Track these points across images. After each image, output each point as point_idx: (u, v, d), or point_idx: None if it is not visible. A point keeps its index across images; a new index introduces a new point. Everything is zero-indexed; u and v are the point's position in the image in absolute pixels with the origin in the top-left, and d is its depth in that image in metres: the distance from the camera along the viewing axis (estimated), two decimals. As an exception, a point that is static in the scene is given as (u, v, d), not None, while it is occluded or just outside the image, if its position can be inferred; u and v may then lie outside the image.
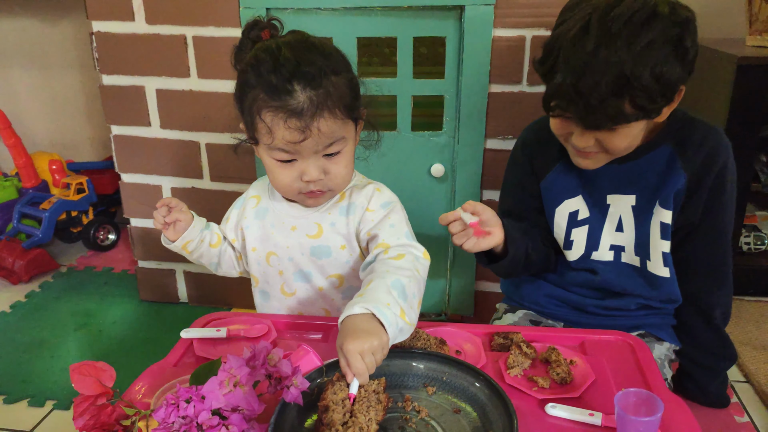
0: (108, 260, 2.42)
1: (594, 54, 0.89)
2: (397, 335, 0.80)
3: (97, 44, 1.78)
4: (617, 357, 0.92)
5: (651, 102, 0.92)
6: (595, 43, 0.89)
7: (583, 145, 1.01)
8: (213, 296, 2.06)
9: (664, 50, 0.89)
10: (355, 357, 0.74)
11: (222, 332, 0.93)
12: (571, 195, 1.15)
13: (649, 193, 1.09)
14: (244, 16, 1.65)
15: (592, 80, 0.90)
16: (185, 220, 1.04)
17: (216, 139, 1.83)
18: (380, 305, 0.79)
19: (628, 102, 0.91)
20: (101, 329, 1.96)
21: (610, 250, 1.15)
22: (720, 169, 1.06)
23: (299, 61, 0.87)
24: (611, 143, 1.00)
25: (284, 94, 0.86)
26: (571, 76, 0.92)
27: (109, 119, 1.88)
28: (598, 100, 0.90)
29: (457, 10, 1.59)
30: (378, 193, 1.02)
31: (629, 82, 0.89)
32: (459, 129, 1.70)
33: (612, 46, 0.88)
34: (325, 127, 0.89)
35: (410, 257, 0.92)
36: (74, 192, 2.38)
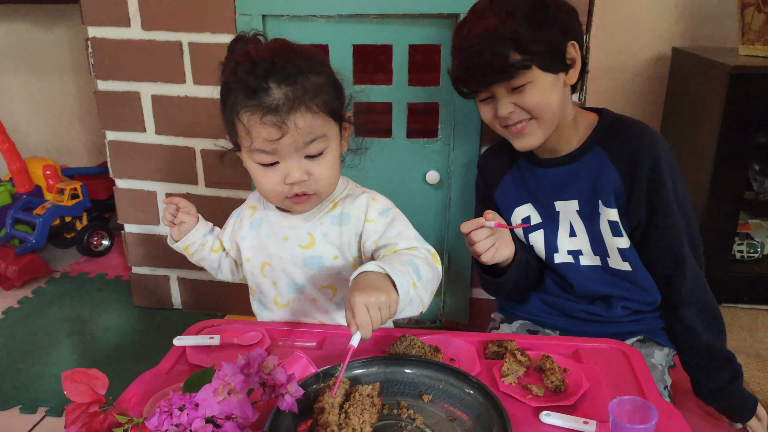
0: (101, 266, 2.41)
1: (470, 30, 1.06)
2: (406, 304, 0.82)
3: (92, 50, 1.78)
4: (611, 365, 0.92)
5: (530, 45, 1.02)
6: (469, 26, 1.07)
7: (504, 112, 1.09)
8: (207, 303, 2.06)
9: (524, 8, 1.03)
10: (360, 308, 0.75)
11: (215, 340, 0.93)
12: (520, 203, 1.22)
13: (588, 195, 1.15)
14: (239, 23, 1.65)
15: (471, 44, 1.04)
16: (190, 222, 1.08)
17: (211, 146, 1.83)
18: (394, 268, 0.81)
19: (511, 50, 1.02)
20: (94, 335, 1.95)
21: (569, 254, 1.19)
22: (652, 164, 1.09)
23: (275, 60, 0.88)
24: (526, 100, 1.07)
25: (260, 92, 0.87)
26: (459, 56, 1.08)
27: (104, 125, 1.87)
28: (481, 56, 1.03)
29: (452, 18, 1.60)
30: (374, 202, 1.02)
31: (499, 31, 1.02)
32: (454, 136, 1.71)
33: (482, 19, 1.05)
34: (303, 122, 0.88)
35: (423, 251, 0.95)
36: (68, 197, 2.37)
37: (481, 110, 1.16)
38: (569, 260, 1.20)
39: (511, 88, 1.07)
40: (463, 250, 1.83)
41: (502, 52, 1.03)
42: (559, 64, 1.08)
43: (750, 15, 1.92)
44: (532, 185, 1.21)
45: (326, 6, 1.61)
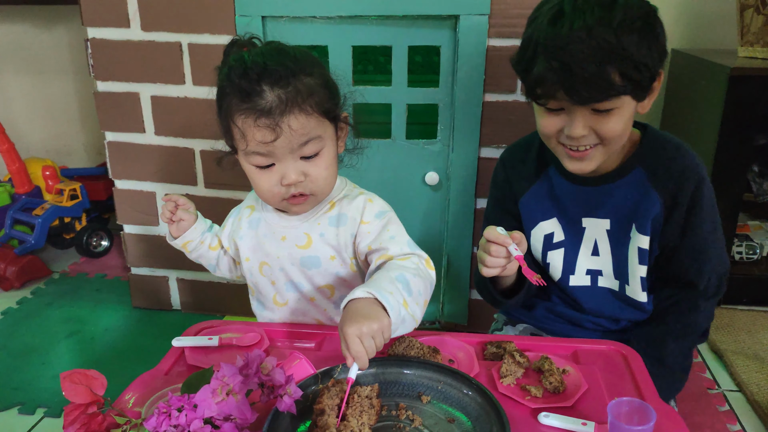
0: (101, 267, 2.41)
1: (571, 29, 0.90)
2: (399, 324, 0.82)
3: (92, 50, 1.78)
4: (609, 366, 0.92)
5: (637, 71, 0.91)
6: (571, 21, 0.90)
7: (578, 133, 0.97)
8: (206, 303, 2.06)
9: (638, 24, 0.91)
10: (353, 340, 0.76)
11: (214, 341, 0.93)
12: (546, 217, 1.14)
13: (623, 218, 1.08)
14: (239, 24, 1.66)
15: (575, 50, 0.89)
16: (188, 220, 1.08)
17: (210, 146, 1.83)
18: (383, 290, 0.81)
19: (615, 71, 0.90)
20: (93, 336, 1.95)
21: (587, 274, 1.13)
22: (695, 189, 1.04)
23: (267, 63, 0.88)
24: (606, 127, 0.97)
25: (253, 95, 0.87)
26: (553, 56, 0.91)
27: (104, 125, 1.87)
28: (585, 69, 0.89)
29: (451, 19, 1.60)
30: (370, 204, 1.02)
31: (613, 48, 0.89)
32: (453, 137, 1.71)
33: (590, 20, 0.89)
34: (297, 123, 0.88)
35: (415, 259, 0.94)
36: (67, 198, 2.37)
37: (541, 119, 1.02)
38: (585, 282, 1.14)
39: (593, 108, 0.95)
40: (462, 252, 1.83)
41: (608, 72, 0.90)
42: (647, 92, 0.98)
43: (749, 17, 1.92)
44: (561, 199, 1.12)
45: (326, 7, 1.61)
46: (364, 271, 1.04)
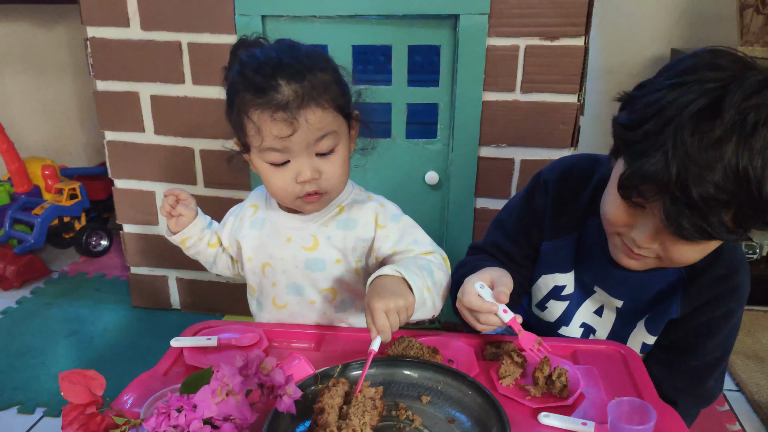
0: (100, 266, 2.41)
1: (719, 146, 0.70)
2: (420, 306, 0.85)
3: (91, 50, 1.78)
4: (609, 366, 0.92)
5: (759, 222, 0.75)
6: (724, 132, 0.70)
7: (646, 245, 0.84)
8: (205, 303, 2.06)
9: None
10: (380, 314, 0.79)
11: (213, 341, 0.93)
12: (565, 270, 1.04)
13: (637, 307, 1.00)
14: (239, 23, 1.65)
15: (706, 179, 0.71)
16: (188, 215, 1.07)
17: (210, 146, 1.83)
18: (410, 272, 0.85)
19: (732, 215, 0.74)
20: (92, 336, 1.95)
21: (581, 327, 1.07)
22: (723, 314, 0.95)
23: (281, 58, 0.88)
24: (678, 254, 0.83)
25: (269, 90, 0.86)
26: (681, 165, 0.72)
27: (103, 125, 1.87)
28: (705, 205, 0.72)
29: (451, 19, 1.60)
30: (382, 208, 1.02)
31: (749, 191, 0.71)
32: (453, 137, 1.71)
33: (743, 144, 0.70)
34: (314, 117, 0.88)
35: (438, 256, 0.98)
36: (67, 197, 2.37)
37: (613, 205, 0.86)
38: (576, 334, 1.07)
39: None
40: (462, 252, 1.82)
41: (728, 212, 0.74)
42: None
43: (749, 16, 1.92)
44: (585, 258, 1.02)
45: (326, 7, 1.61)
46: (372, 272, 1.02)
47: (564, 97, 1.62)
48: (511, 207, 1.11)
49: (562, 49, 1.58)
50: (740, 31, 1.96)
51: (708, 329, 0.97)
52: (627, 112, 0.82)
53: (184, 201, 1.07)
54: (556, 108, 1.64)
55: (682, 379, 1.00)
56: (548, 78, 1.61)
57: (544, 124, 1.65)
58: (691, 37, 2.18)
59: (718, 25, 2.15)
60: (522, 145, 1.69)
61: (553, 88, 1.62)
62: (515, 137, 1.68)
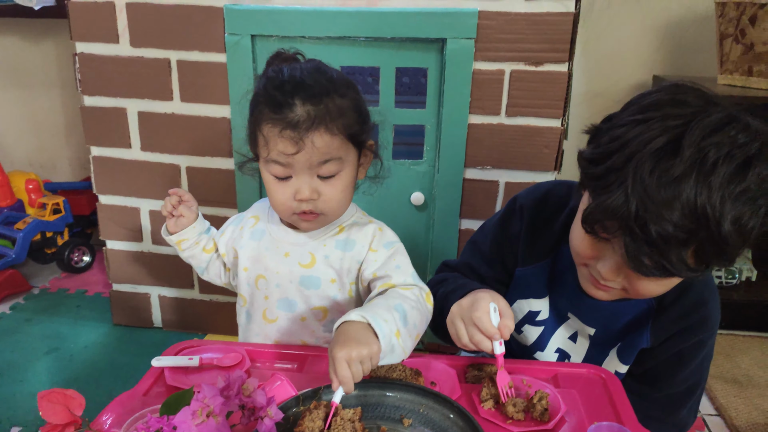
0: (82, 282, 2.38)
1: (678, 184, 0.70)
2: (387, 353, 0.81)
3: (80, 65, 1.78)
4: (589, 390, 0.92)
5: (718, 259, 0.75)
6: (683, 170, 0.70)
7: (611, 278, 0.85)
8: (188, 322, 2.04)
9: (754, 204, 0.73)
10: (341, 364, 0.76)
11: (194, 361, 0.92)
12: (539, 295, 1.05)
13: (609, 336, 1.00)
14: (228, 42, 1.67)
15: (665, 217, 0.71)
16: (189, 217, 1.08)
17: (197, 163, 1.83)
18: (378, 317, 0.81)
19: (693, 251, 0.75)
20: (72, 354, 1.92)
21: (556, 352, 1.07)
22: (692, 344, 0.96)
23: (303, 78, 0.91)
24: (642, 288, 0.84)
25: (285, 107, 0.88)
26: (639, 203, 0.72)
27: (89, 140, 1.87)
28: (664, 242, 0.72)
29: (438, 42, 1.63)
30: (380, 233, 1.02)
31: (708, 229, 0.71)
32: (439, 158, 1.72)
33: (702, 181, 0.70)
34: (320, 141, 0.89)
35: (417, 291, 0.94)
36: (50, 212, 2.35)
37: (580, 241, 0.87)
38: (552, 358, 1.07)
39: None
40: (447, 272, 1.83)
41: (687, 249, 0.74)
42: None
43: (728, 46, 1.97)
44: (560, 285, 1.02)
45: (315, 28, 1.62)
46: (362, 298, 1.03)
47: (548, 122, 1.65)
48: (487, 230, 1.12)
49: (546, 74, 1.60)
50: (720, 60, 2.01)
51: (679, 359, 0.98)
52: (592, 146, 0.82)
53: (187, 202, 1.09)
54: (540, 132, 1.66)
55: (654, 409, 1.01)
56: (532, 102, 1.64)
57: (528, 148, 1.68)
58: (672, 64, 2.23)
59: (698, 53, 2.20)
60: (506, 168, 1.71)
61: (538, 112, 1.64)
62: (500, 160, 1.70)
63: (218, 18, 1.66)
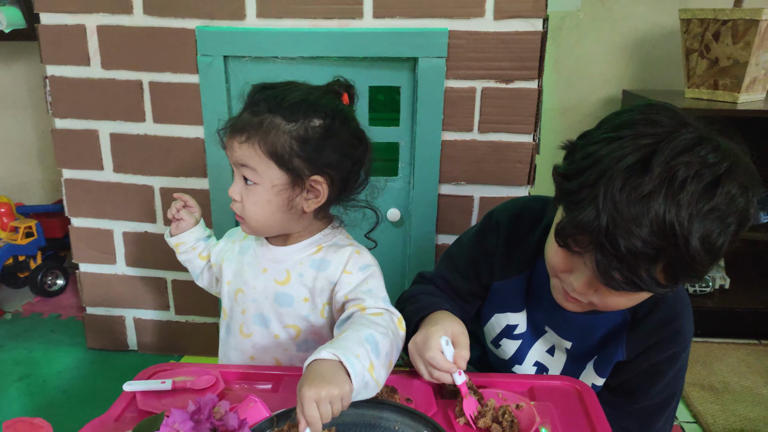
0: (55, 306, 2.34)
1: (647, 201, 0.72)
2: (361, 390, 0.79)
3: (50, 88, 1.77)
4: (564, 402, 0.93)
5: (687, 275, 0.77)
6: (653, 187, 0.72)
7: (582, 291, 0.86)
8: (164, 344, 2.01)
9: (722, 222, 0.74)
10: (310, 404, 0.72)
11: (167, 384, 0.91)
12: (516, 309, 1.06)
13: (585, 349, 1.02)
14: (201, 63, 1.67)
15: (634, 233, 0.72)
16: (188, 222, 1.13)
17: (170, 183, 1.82)
18: (349, 354, 0.78)
19: (662, 267, 0.76)
20: (45, 379, 1.88)
21: (534, 366, 1.08)
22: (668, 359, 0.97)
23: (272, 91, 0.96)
24: (612, 302, 0.86)
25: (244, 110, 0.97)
26: (610, 219, 0.73)
27: (61, 163, 1.85)
28: (634, 258, 0.74)
29: (410, 61, 1.65)
30: (357, 255, 1.01)
31: (676, 246, 0.73)
32: (414, 175, 1.74)
33: (671, 199, 0.72)
34: (239, 150, 0.95)
35: (387, 316, 0.92)
36: (22, 236, 2.31)
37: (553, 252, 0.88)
38: (530, 371, 1.08)
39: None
40: (424, 288, 1.84)
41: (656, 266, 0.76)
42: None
43: (694, 60, 2.02)
44: (536, 298, 1.04)
45: (287, 48, 1.63)
46: (335, 320, 1.02)
47: (520, 137, 1.67)
48: (463, 244, 1.13)
49: (517, 91, 1.63)
50: (686, 74, 2.06)
51: (654, 373, 0.99)
52: (567, 162, 0.84)
53: (190, 208, 1.14)
54: (513, 147, 1.68)
55: (631, 421, 1.02)
56: (504, 119, 1.66)
57: (501, 163, 1.70)
58: (641, 79, 2.29)
59: (666, 68, 2.26)
60: (481, 183, 1.73)
61: (509, 128, 1.67)
62: (474, 175, 1.72)
63: (190, 39, 1.66)
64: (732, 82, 1.95)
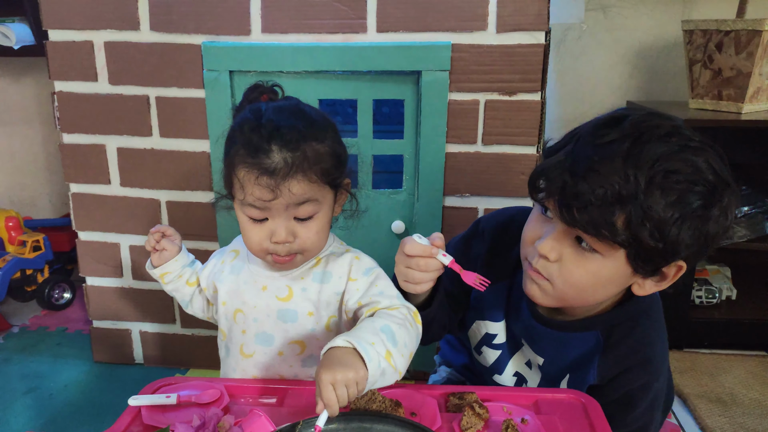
0: (62, 320, 2.35)
1: (611, 148, 0.77)
2: (378, 377, 0.81)
3: (58, 103, 1.79)
4: (569, 415, 0.92)
5: (645, 232, 0.78)
6: (619, 137, 0.77)
7: (544, 251, 0.87)
8: (170, 357, 2.01)
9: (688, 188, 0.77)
10: (327, 387, 0.75)
11: (172, 398, 0.91)
12: (496, 318, 1.09)
13: (557, 368, 1.03)
14: (207, 78, 1.68)
15: (597, 173, 0.77)
16: (171, 251, 1.09)
17: (177, 197, 1.83)
18: (363, 341, 0.81)
19: (623, 218, 0.78)
20: (52, 393, 1.89)
21: (514, 376, 1.10)
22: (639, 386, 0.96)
23: (281, 123, 0.89)
24: (570, 274, 0.87)
25: (261, 152, 0.87)
26: (577, 157, 0.79)
27: (68, 177, 1.86)
28: (596, 199, 0.77)
29: (414, 75, 1.66)
30: (357, 261, 1.02)
31: (636, 197, 0.76)
32: (418, 187, 1.74)
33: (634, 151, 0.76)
34: (297, 188, 0.89)
35: (404, 309, 0.94)
36: (30, 249, 2.33)
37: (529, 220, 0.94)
38: (510, 383, 1.10)
39: (578, 238, 0.85)
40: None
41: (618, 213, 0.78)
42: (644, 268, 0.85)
43: (698, 71, 2.02)
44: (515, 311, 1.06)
45: (292, 63, 1.65)
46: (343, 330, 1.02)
47: (523, 149, 1.68)
48: (451, 248, 1.15)
49: (520, 103, 1.64)
50: (690, 85, 2.06)
51: (628, 402, 0.99)
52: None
53: (170, 236, 1.10)
54: (517, 159, 1.69)
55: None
56: (508, 131, 1.67)
57: (505, 175, 1.70)
58: (645, 90, 2.29)
59: (670, 79, 2.26)
60: (484, 195, 1.73)
61: (513, 140, 1.67)
62: (478, 187, 1.73)
63: (196, 55, 1.68)
64: (736, 92, 1.95)
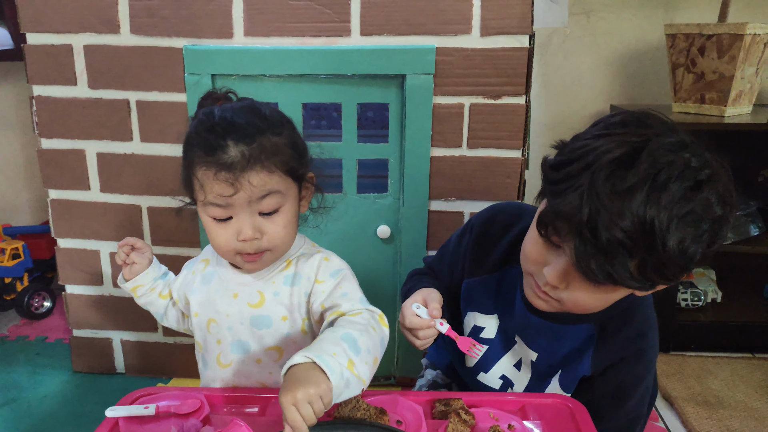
0: (42, 329, 2.30)
1: (630, 194, 0.73)
2: (343, 388, 0.78)
3: (37, 108, 1.76)
4: (556, 420, 0.92)
5: (659, 275, 0.78)
6: (637, 182, 0.74)
7: (554, 281, 0.85)
8: (152, 366, 1.98)
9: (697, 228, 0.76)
10: (289, 408, 0.72)
11: (150, 409, 0.89)
12: (486, 311, 1.08)
13: (551, 362, 1.02)
14: (189, 82, 1.66)
15: (615, 224, 0.74)
16: (141, 264, 1.08)
17: (158, 203, 1.80)
18: (323, 353, 0.78)
19: (637, 263, 0.77)
20: (30, 404, 1.84)
21: (500, 378, 1.08)
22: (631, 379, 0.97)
23: (235, 119, 0.90)
24: (580, 298, 0.86)
25: (218, 150, 0.87)
26: (593, 208, 0.74)
27: (47, 183, 1.83)
28: (612, 249, 0.75)
29: (398, 78, 1.65)
30: (326, 262, 1.00)
31: (653, 243, 0.74)
32: (403, 191, 1.73)
33: (653, 196, 0.73)
34: (257, 179, 0.88)
35: (366, 314, 0.92)
36: (9, 257, 2.28)
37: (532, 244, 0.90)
38: (495, 385, 1.08)
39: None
40: (416, 305, 1.82)
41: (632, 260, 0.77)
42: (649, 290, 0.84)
43: (681, 75, 2.04)
44: (507, 306, 1.05)
45: (276, 66, 1.63)
46: (316, 332, 1.01)
47: (508, 153, 1.67)
48: (450, 241, 1.19)
49: (505, 107, 1.63)
50: (673, 89, 2.08)
51: (619, 394, 0.99)
52: (556, 154, 0.86)
53: (140, 249, 1.08)
54: (502, 163, 1.68)
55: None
56: (493, 134, 1.66)
57: (490, 179, 1.70)
58: (629, 94, 2.30)
59: (653, 82, 2.27)
60: (470, 199, 1.72)
61: (498, 143, 1.67)
62: (463, 191, 1.72)
63: (177, 58, 1.65)
64: (718, 95, 1.97)
